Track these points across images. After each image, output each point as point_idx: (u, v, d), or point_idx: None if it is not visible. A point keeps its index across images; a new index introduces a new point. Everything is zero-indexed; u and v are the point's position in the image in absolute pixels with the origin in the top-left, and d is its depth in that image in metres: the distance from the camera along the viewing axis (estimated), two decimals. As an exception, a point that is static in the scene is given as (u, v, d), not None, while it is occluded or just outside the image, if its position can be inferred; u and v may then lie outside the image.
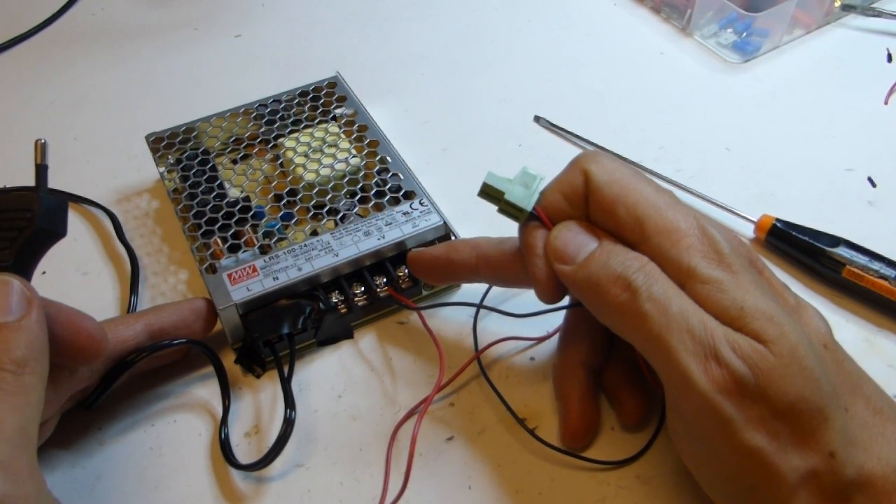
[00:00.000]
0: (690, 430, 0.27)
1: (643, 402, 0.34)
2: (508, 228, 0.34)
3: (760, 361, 0.25)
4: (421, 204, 0.39)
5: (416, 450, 0.33)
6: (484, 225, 0.38)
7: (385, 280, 0.38)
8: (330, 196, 0.40)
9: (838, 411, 0.26)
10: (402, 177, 0.41)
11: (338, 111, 0.46)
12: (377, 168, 0.42)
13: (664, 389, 0.28)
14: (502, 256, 0.34)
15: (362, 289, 0.38)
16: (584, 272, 0.29)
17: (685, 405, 0.27)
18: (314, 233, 0.39)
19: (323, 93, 0.47)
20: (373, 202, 0.40)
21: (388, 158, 0.42)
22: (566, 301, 0.33)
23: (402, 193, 0.40)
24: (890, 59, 0.54)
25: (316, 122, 0.45)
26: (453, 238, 0.39)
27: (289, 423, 0.33)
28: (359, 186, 0.41)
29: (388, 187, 0.41)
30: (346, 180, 0.41)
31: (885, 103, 0.50)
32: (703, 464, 0.28)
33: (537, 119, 0.50)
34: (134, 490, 0.34)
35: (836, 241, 0.40)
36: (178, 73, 0.55)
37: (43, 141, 0.31)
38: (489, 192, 0.32)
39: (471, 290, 0.40)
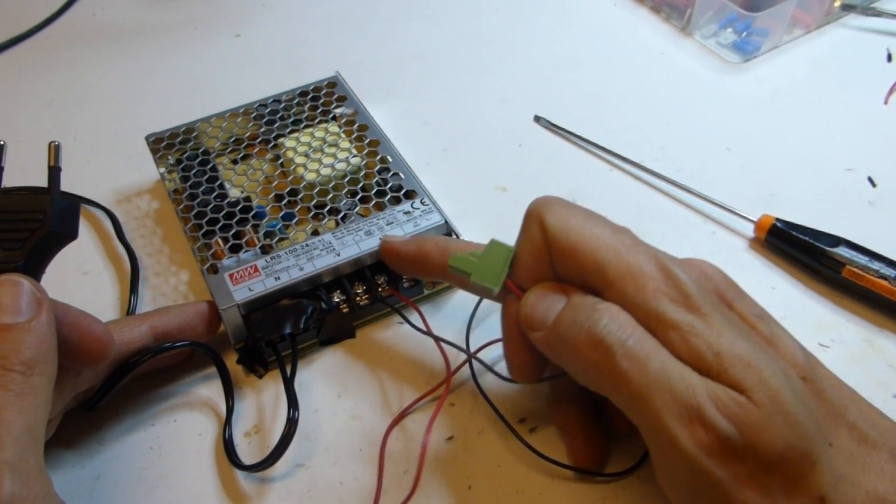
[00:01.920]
0: (680, 489, 0.27)
1: None
2: (510, 228, 0.33)
3: (745, 417, 0.24)
4: (422, 203, 0.39)
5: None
6: (484, 224, 0.38)
7: (386, 279, 0.38)
8: (331, 196, 0.40)
9: (824, 449, 0.25)
10: (402, 176, 0.41)
11: (338, 111, 0.46)
12: (378, 168, 0.42)
13: (649, 449, 0.27)
14: None
15: (364, 288, 0.38)
16: (553, 334, 0.28)
17: (673, 467, 0.26)
18: (315, 232, 0.39)
19: (323, 93, 0.47)
20: (374, 202, 0.40)
21: (389, 158, 0.42)
22: None
23: (402, 193, 0.40)
24: (890, 59, 0.54)
25: (316, 121, 0.45)
26: (454, 237, 0.39)
27: (292, 423, 0.33)
28: (359, 186, 0.41)
29: (388, 187, 0.41)
30: (346, 180, 0.41)
31: (885, 103, 0.51)
32: None
33: (537, 119, 0.50)
34: (134, 490, 0.34)
35: (836, 240, 0.40)
36: (178, 73, 0.55)
37: (56, 143, 0.31)
38: (456, 272, 0.31)
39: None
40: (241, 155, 0.44)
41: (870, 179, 0.46)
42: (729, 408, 0.25)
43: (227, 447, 0.34)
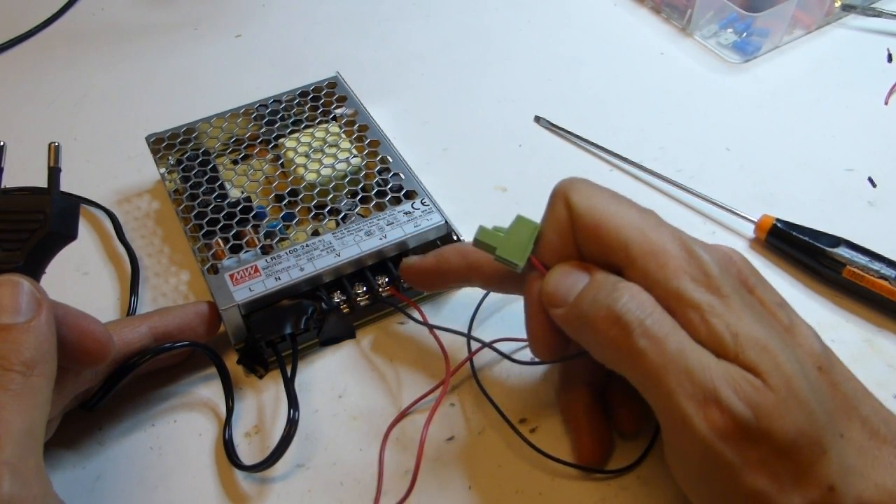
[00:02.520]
0: (690, 470, 0.27)
1: (639, 411, 0.34)
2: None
3: (761, 401, 0.25)
4: (422, 203, 0.39)
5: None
6: (484, 225, 0.38)
7: (387, 279, 0.38)
8: (331, 196, 0.40)
9: (834, 439, 0.26)
10: (402, 176, 0.41)
11: (338, 111, 0.46)
12: (378, 168, 0.42)
13: (661, 428, 0.27)
14: (491, 264, 0.33)
15: (364, 288, 0.38)
16: (574, 311, 0.28)
17: (684, 448, 0.26)
18: (315, 233, 0.39)
19: (323, 93, 0.47)
20: (374, 202, 0.40)
21: (389, 158, 0.42)
22: None
23: (403, 193, 0.40)
24: (890, 59, 0.54)
25: (316, 122, 0.45)
26: (455, 238, 0.39)
27: (292, 424, 0.33)
28: (360, 186, 0.41)
29: (389, 187, 0.41)
30: (347, 180, 0.41)
31: (885, 103, 0.51)
32: (703, 501, 0.28)
33: (537, 119, 0.50)
34: (134, 490, 0.34)
35: (836, 241, 0.40)
36: (178, 73, 0.55)
37: (56, 144, 0.31)
38: (482, 246, 0.31)
39: (471, 290, 0.40)
40: (242, 155, 0.44)
41: (870, 179, 0.46)
42: (745, 391, 0.25)
43: (227, 447, 0.34)
